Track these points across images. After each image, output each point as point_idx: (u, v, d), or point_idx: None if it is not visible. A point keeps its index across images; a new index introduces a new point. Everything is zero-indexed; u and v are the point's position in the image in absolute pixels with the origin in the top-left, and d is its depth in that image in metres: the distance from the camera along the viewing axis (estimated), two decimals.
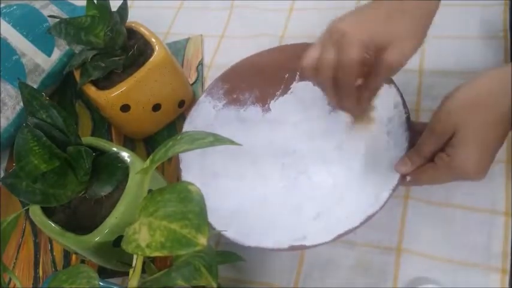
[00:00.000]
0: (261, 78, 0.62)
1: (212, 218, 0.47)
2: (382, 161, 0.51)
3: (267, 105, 0.62)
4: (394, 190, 0.48)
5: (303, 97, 0.61)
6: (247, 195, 0.55)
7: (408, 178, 0.48)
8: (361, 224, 0.46)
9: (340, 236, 0.46)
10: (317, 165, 0.56)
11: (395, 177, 0.48)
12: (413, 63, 0.62)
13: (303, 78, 0.53)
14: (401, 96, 0.53)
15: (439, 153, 0.45)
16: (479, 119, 0.41)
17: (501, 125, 0.42)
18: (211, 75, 0.70)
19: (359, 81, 0.45)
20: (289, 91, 0.62)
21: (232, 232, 0.49)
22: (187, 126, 0.59)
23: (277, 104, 0.62)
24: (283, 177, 0.56)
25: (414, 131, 0.50)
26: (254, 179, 0.57)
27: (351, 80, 0.44)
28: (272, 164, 0.58)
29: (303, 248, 0.47)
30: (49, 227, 0.49)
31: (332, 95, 0.46)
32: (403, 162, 0.48)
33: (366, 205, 0.48)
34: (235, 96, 0.62)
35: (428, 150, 0.46)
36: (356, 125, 0.52)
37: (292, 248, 0.47)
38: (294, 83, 0.62)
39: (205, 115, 0.61)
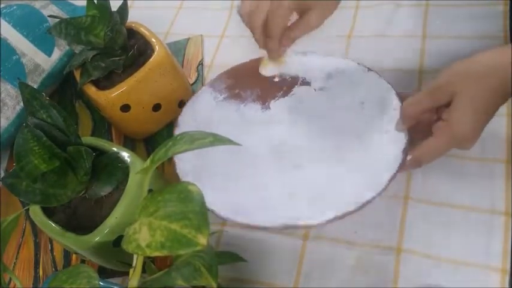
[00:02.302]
0: (265, 79, 0.63)
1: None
2: (380, 156, 0.52)
3: (267, 104, 0.63)
4: (391, 180, 0.48)
5: (303, 100, 0.61)
6: (241, 181, 0.56)
7: (409, 157, 0.49)
8: (357, 208, 0.46)
9: (335, 218, 0.46)
10: (313, 160, 0.56)
11: (393, 169, 0.48)
12: (413, 63, 0.63)
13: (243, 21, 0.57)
14: (400, 100, 0.53)
15: (437, 122, 0.48)
16: (476, 88, 0.45)
17: (496, 96, 0.45)
18: (211, 75, 0.70)
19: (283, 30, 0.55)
20: (291, 93, 0.62)
21: (223, 210, 0.49)
22: (185, 111, 0.60)
23: (277, 104, 0.62)
24: (279, 168, 0.57)
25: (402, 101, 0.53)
26: (248, 168, 0.57)
27: (277, 30, 0.53)
28: (268, 157, 0.58)
29: (296, 227, 0.47)
30: (49, 227, 0.49)
31: (260, 37, 0.55)
32: (400, 115, 0.52)
33: (361, 193, 0.48)
34: (236, 91, 0.63)
35: (423, 108, 0.49)
36: (270, 62, 0.60)
37: (285, 227, 0.48)
38: (296, 87, 0.62)
39: (205, 104, 0.61)
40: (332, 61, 0.61)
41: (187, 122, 0.59)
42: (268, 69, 0.61)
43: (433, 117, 0.49)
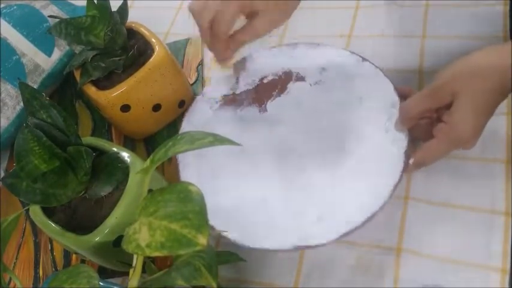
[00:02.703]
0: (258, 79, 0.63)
1: (211, 219, 0.47)
2: (382, 159, 0.51)
3: (263, 106, 0.62)
4: (395, 187, 0.48)
5: (300, 98, 0.61)
6: (246, 195, 0.55)
7: (411, 160, 0.49)
8: (364, 223, 0.46)
9: (343, 235, 0.46)
10: (315, 164, 0.56)
11: (396, 174, 0.48)
12: (413, 63, 0.63)
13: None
14: (399, 95, 0.53)
15: (438, 124, 0.48)
16: (476, 88, 0.45)
17: (495, 95, 0.45)
18: (211, 76, 0.70)
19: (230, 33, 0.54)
20: (286, 91, 0.62)
21: (233, 233, 0.49)
22: (184, 126, 0.60)
23: (274, 104, 0.62)
24: (281, 177, 0.56)
25: (400, 96, 0.54)
26: (252, 179, 0.57)
27: (222, 32, 0.52)
28: (270, 164, 0.58)
29: (306, 248, 0.47)
30: (49, 227, 0.49)
31: (207, 37, 0.54)
32: (400, 116, 0.51)
33: (367, 204, 0.48)
34: (231, 96, 0.62)
35: (423, 110, 0.49)
36: (218, 66, 0.59)
37: (296, 248, 0.48)
38: (291, 84, 0.62)
39: (202, 115, 0.61)
40: (324, 51, 0.61)
41: None
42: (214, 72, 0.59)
43: (433, 116, 0.49)
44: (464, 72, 0.46)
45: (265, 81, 0.62)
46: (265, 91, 0.62)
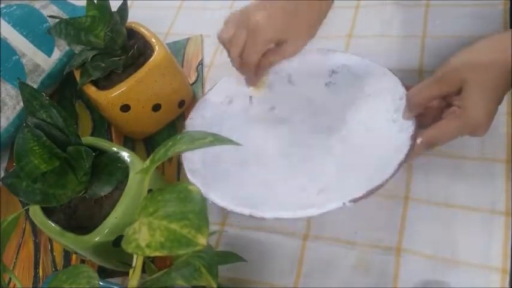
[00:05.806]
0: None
1: (213, 196, 0.48)
2: (388, 142, 0.51)
3: (273, 102, 0.62)
4: (401, 164, 0.47)
5: (310, 96, 0.62)
6: (250, 177, 0.56)
7: (419, 140, 0.48)
8: (366, 194, 0.46)
9: (344, 205, 0.46)
10: (323, 155, 0.56)
11: (402, 155, 0.48)
12: (413, 63, 0.63)
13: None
14: (406, 88, 0.53)
15: (449, 108, 0.48)
16: (485, 75, 0.45)
17: (503, 82, 0.45)
18: (211, 75, 0.70)
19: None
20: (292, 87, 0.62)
21: (233, 205, 0.49)
22: (193, 115, 0.60)
23: (284, 101, 0.62)
24: (287, 162, 0.57)
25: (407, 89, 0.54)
26: (257, 164, 0.57)
27: (252, 62, 0.55)
28: (277, 152, 0.58)
29: (308, 215, 0.47)
30: (49, 227, 0.49)
31: (237, 64, 0.57)
32: (407, 102, 0.51)
33: (370, 179, 0.47)
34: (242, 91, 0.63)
35: (430, 96, 0.49)
36: (251, 88, 0.62)
37: (297, 216, 0.47)
38: (302, 83, 0.62)
39: (211, 108, 0.61)
40: (335, 56, 0.61)
41: (195, 125, 0.59)
42: (251, 92, 0.62)
43: (442, 105, 0.49)
44: (472, 60, 0.46)
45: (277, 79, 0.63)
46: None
